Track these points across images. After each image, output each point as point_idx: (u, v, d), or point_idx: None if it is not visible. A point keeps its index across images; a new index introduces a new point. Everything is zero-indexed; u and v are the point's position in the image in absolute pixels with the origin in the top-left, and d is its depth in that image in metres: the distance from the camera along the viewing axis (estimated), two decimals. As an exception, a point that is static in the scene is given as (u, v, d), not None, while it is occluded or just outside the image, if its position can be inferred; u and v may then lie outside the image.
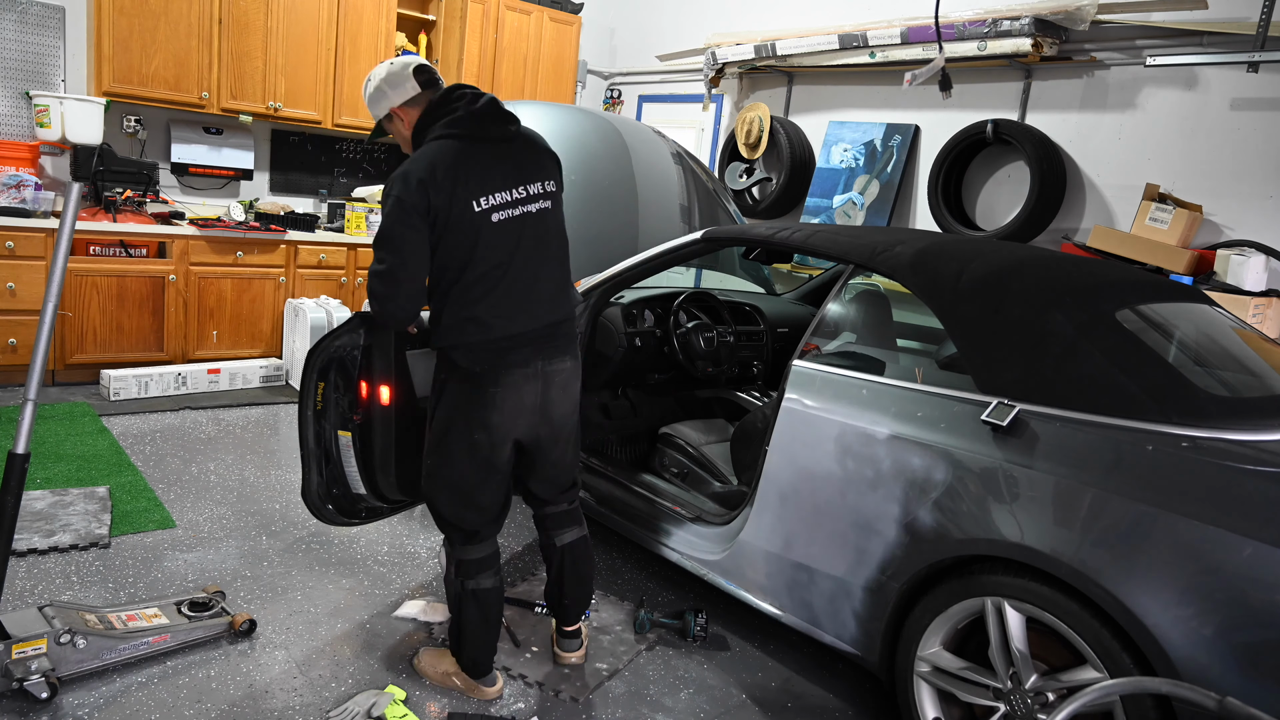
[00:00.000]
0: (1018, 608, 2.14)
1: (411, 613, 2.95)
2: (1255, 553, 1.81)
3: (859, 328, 2.98)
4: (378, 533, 3.52)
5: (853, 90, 5.77)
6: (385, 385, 2.62)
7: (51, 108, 4.53)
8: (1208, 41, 4.21)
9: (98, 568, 3.01)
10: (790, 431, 2.67)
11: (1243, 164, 4.15)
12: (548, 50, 6.75)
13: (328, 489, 2.78)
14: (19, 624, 2.33)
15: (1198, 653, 1.84)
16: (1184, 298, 2.80)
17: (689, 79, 6.83)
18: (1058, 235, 4.75)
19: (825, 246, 2.91)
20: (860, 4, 5.59)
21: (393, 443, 2.67)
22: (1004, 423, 2.20)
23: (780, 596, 2.72)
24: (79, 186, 2.31)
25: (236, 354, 5.39)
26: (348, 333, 2.65)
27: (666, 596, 3.26)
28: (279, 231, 5.40)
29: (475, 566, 2.44)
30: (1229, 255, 3.97)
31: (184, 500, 3.62)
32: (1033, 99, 4.87)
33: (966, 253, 2.68)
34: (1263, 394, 2.38)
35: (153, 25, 4.99)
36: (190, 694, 2.41)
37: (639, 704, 2.60)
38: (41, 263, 4.62)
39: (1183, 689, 1.47)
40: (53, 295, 2.24)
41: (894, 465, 2.40)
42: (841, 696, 2.75)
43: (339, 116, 5.85)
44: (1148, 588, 1.91)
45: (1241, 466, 1.94)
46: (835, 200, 5.62)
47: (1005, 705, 2.16)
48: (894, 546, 2.39)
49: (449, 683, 2.56)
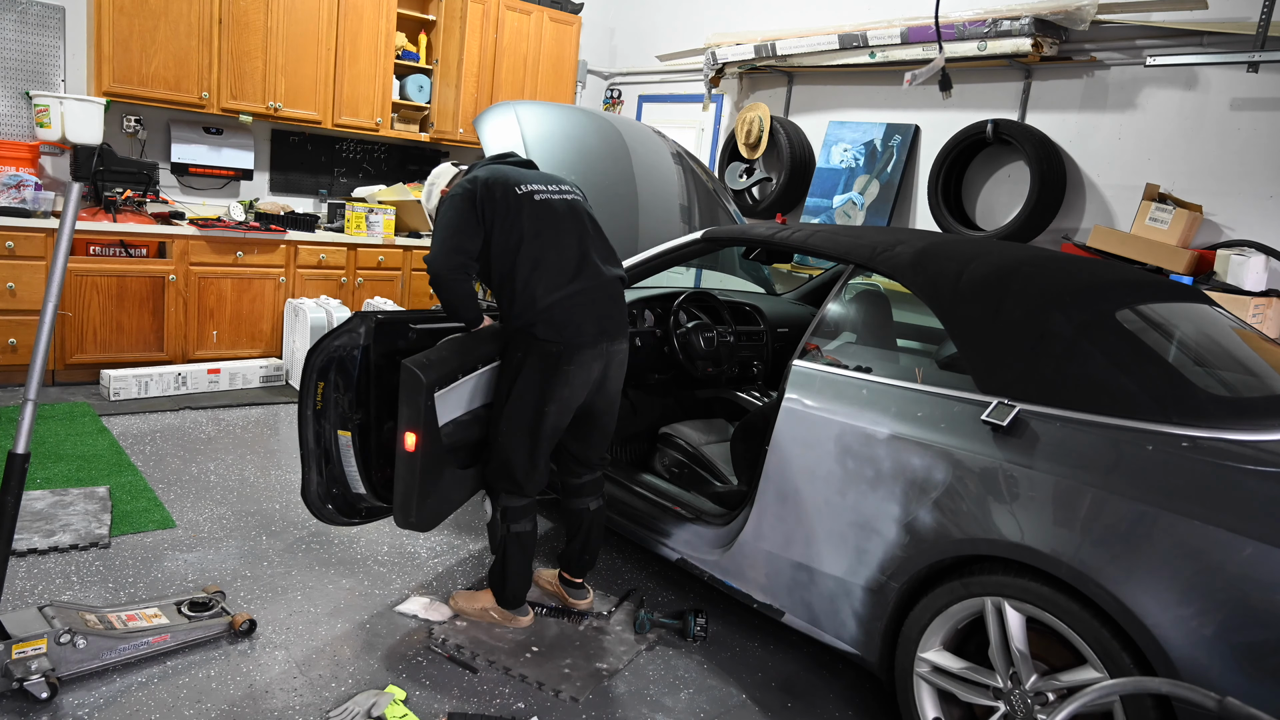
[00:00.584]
0: (1018, 608, 2.14)
1: (414, 609, 2.95)
2: (1255, 552, 1.81)
3: (859, 328, 2.98)
4: (378, 533, 3.52)
5: (853, 90, 5.77)
6: (413, 433, 2.57)
7: (51, 108, 4.53)
8: (1208, 41, 4.21)
9: (98, 568, 3.01)
10: (790, 431, 2.67)
11: (1243, 164, 4.15)
12: (548, 50, 6.76)
13: (328, 489, 2.78)
14: (19, 624, 2.33)
15: (1198, 653, 1.84)
16: (1184, 298, 2.80)
17: (689, 79, 6.83)
18: (1058, 235, 4.75)
19: (825, 246, 2.91)
20: (860, 4, 5.60)
21: (417, 485, 2.61)
22: (1004, 423, 2.20)
23: (780, 596, 2.72)
24: (79, 186, 2.31)
25: (236, 354, 5.39)
26: (347, 333, 2.65)
27: (666, 596, 3.26)
28: (279, 231, 5.40)
29: (519, 513, 2.81)
30: (1229, 255, 3.97)
31: (184, 500, 3.62)
32: (1033, 99, 4.87)
33: (966, 253, 2.68)
34: (1262, 394, 2.38)
35: (153, 25, 4.99)
36: (190, 694, 2.41)
37: (639, 704, 2.60)
38: (41, 263, 4.62)
39: (1183, 689, 1.47)
40: (53, 295, 2.24)
41: (894, 465, 2.40)
42: (841, 696, 2.75)
43: (339, 116, 5.85)
44: (1148, 588, 1.91)
45: (1241, 466, 1.94)
46: (835, 200, 5.62)
47: (1005, 705, 2.17)
48: (894, 546, 2.40)
49: (487, 617, 2.91)
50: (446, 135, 6.40)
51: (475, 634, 2.86)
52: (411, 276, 6.05)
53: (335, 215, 6.09)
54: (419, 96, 6.36)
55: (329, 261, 5.66)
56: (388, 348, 2.77)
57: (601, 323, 2.72)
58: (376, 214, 5.91)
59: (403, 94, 6.29)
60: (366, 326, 2.69)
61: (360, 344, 2.69)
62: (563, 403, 2.71)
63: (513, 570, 2.83)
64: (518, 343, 2.69)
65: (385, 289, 5.93)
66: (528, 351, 2.66)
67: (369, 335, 2.69)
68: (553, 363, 2.64)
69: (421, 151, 6.74)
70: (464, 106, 6.31)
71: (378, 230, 5.91)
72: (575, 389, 2.71)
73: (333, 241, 5.68)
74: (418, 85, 6.35)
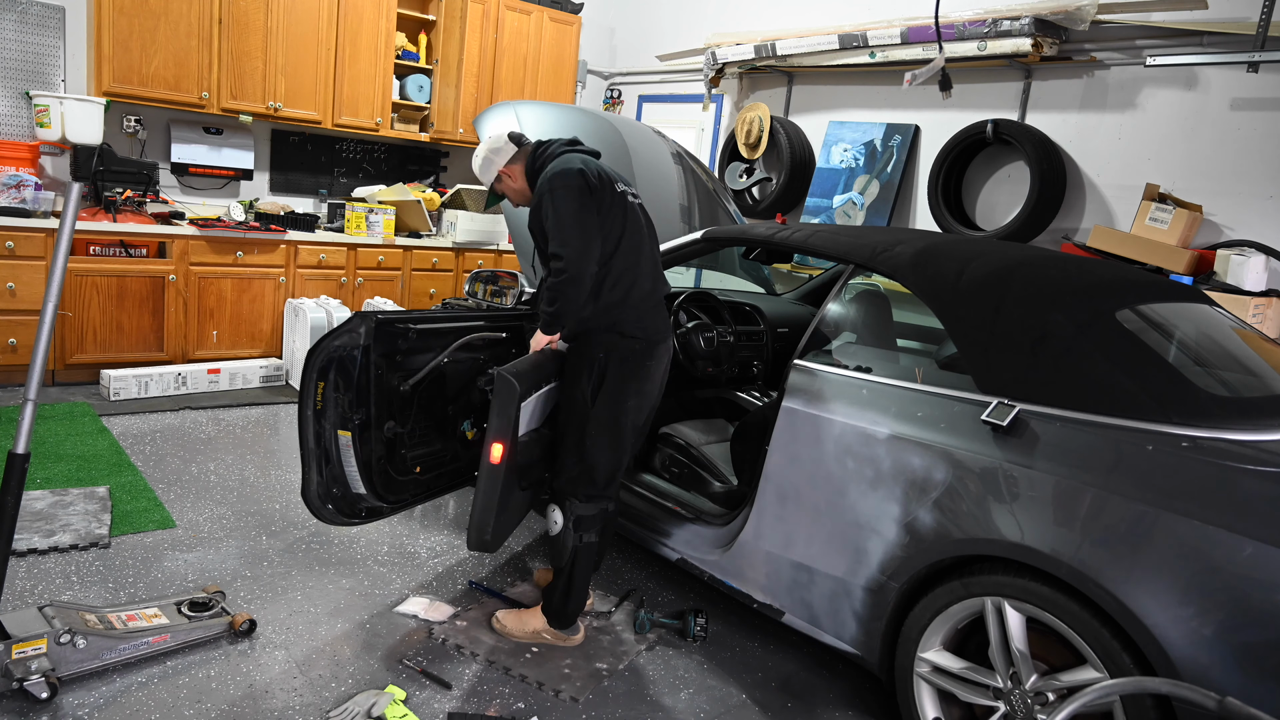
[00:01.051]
0: (1018, 607, 2.14)
1: (414, 609, 2.95)
2: (1255, 552, 1.81)
3: (859, 328, 2.98)
4: (378, 533, 3.52)
5: (853, 90, 5.77)
6: (501, 444, 2.52)
7: (51, 108, 4.52)
8: (1208, 41, 4.21)
9: (98, 568, 3.01)
10: (790, 431, 2.67)
11: (1243, 164, 4.15)
12: (548, 50, 6.76)
13: (328, 489, 2.78)
14: (19, 624, 2.33)
15: (1198, 653, 1.84)
16: (1184, 298, 2.80)
17: (689, 79, 6.83)
18: (1058, 235, 4.75)
19: (825, 247, 2.91)
20: (860, 4, 5.60)
21: (496, 500, 2.55)
22: (1004, 423, 2.20)
23: (780, 596, 2.72)
24: (79, 186, 2.31)
25: (236, 354, 5.39)
26: (347, 333, 2.65)
27: (666, 596, 3.26)
28: (279, 231, 5.40)
29: (590, 522, 2.73)
30: (1229, 255, 3.97)
31: (184, 500, 3.62)
32: (1033, 99, 4.87)
33: (966, 253, 2.68)
34: (1262, 394, 2.38)
35: (153, 25, 4.99)
36: (190, 694, 2.41)
37: (639, 704, 2.60)
38: (41, 263, 4.62)
39: (1183, 689, 1.46)
40: (53, 295, 2.24)
41: (894, 465, 2.40)
42: (841, 696, 2.75)
43: (339, 116, 5.85)
44: (1148, 588, 1.91)
45: (1241, 466, 1.94)
46: (835, 200, 5.62)
47: (1005, 705, 2.17)
48: (894, 546, 2.40)
49: (540, 639, 2.84)
50: (446, 135, 6.40)
51: (475, 634, 2.86)
52: (411, 276, 6.05)
53: (335, 215, 6.08)
54: (419, 96, 6.36)
55: (329, 261, 5.66)
56: (387, 348, 2.77)
57: (666, 322, 2.84)
58: (376, 214, 5.91)
59: (403, 94, 6.30)
60: (366, 327, 2.69)
61: (360, 344, 2.69)
62: (647, 398, 2.77)
63: (578, 585, 2.77)
64: (598, 343, 2.69)
65: (385, 289, 5.93)
66: (610, 350, 2.68)
67: (369, 335, 2.68)
68: (638, 359, 2.70)
69: (421, 151, 6.74)
70: (464, 106, 6.31)
71: (378, 230, 5.91)
72: (656, 384, 2.79)
73: (333, 241, 5.68)
74: (418, 85, 6.35)
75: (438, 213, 6.42)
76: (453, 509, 3.87)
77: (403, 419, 2.84)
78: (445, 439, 3.04)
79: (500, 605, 3.04)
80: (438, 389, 2.95)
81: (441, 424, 3.01)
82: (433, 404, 2.95)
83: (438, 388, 2.95)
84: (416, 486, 2.94)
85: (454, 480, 3.12)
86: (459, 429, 3.07)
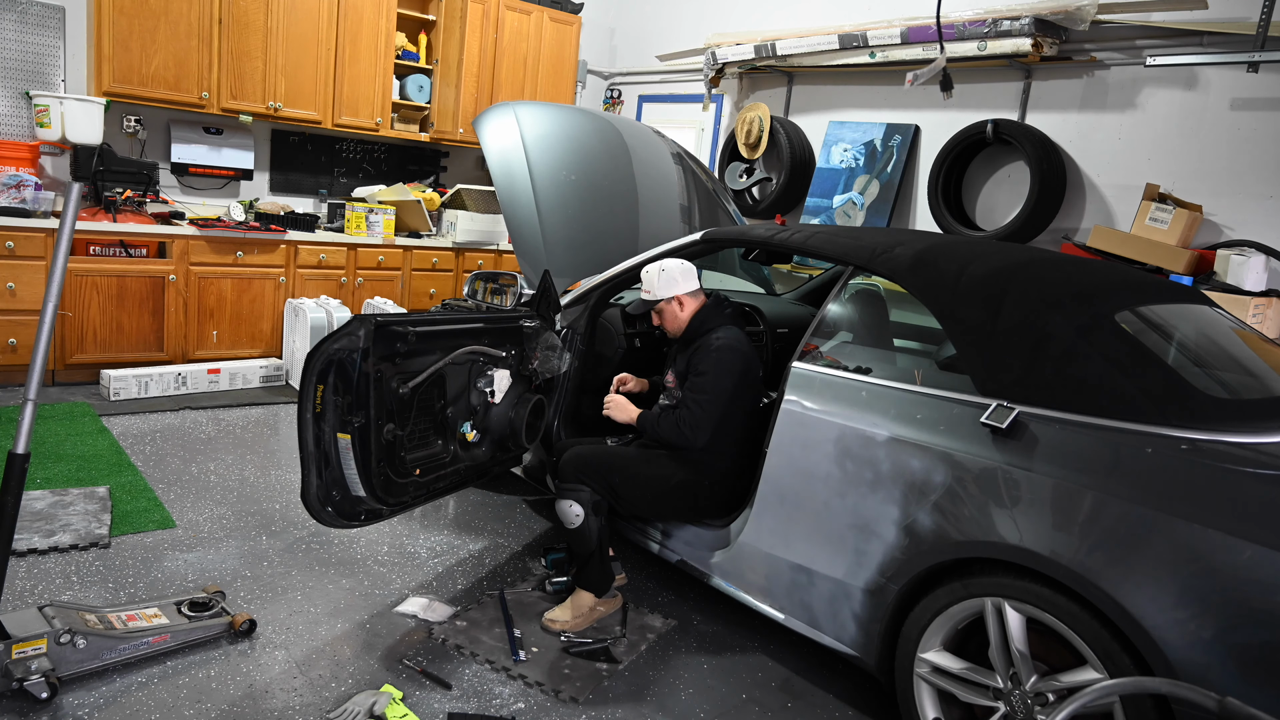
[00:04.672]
0: (1018, 608, 2.14)
1: (413, 609, 2.95)
2: (1254, 555, 1.81)
3: (858, 329, 2.98)
4: (378, 533, 3.52)
5: (853, 90, 5.77)
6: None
7: (51, 108, 4.53)
8: (1208, 41, 4.21)
9: (98, 568, 3.02)
10: (789, 433, 2.67)
11: (1243, 164, 4.15)
12: (548, 50, 6.76)
13: (327, 491, 2.77)
14: (19, 624, 2.33)
15: (1196, 655, 1.84)
16: (1184, 298, 2.80)
17: (689, 79, 6.83)
18: (1058, 235, 4.75)
19: (825, 248, 2.91)
20: (860, 4, 5.59)
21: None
22: (1003, 425, 2.20)
23: (780, 598, 2.72)
24: (79, 186, 2.31)
25: (236, 354, 5.39)
26: (346, 336, 2.65)
27: (666, 596, 3.27)
28: (279, 231, 5.40)
29: (601, 505, 2.97)
30: (1229, 255, 3.97)
31: (184, 500, 3.62)
32: (1033, 99, 4.87)
33: (966, 254, 2.68)
34: (1262, 395, 2.38)
35: (153, 25, 4.99)
36: (190, 694, 2.41)
37: (639, 704, 2.60)
38: (41, 263, 4.62)
39: (1182, 689, 1.47)
40: (53, 295, 2.24)
41: (893, 467, 2.40)
42: (841, 696, 2.75)
43: (339, 116, 5.85)
44: (1146, 590, 1.91)
45: (1240, 469, 1.94)
46: (835, 200, 5.62)
47: (1005, 705, 2.17)
48: (893, 548, 2.40)
49: (596, 614, 3.00)
50: (446, 135, 6.40)
51: (475, 634, 2.86)
52: (411, 276, 6.06)
53: (335, 215, 6.09)
54: (419, 96, 6.37)
55: (329, 261, 5.66)
56: (387, 351, 2.77)
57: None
58: (376, 214, 5.91)
59: (403, 94, 6.30)
60: (365, 330, 2.68)
61: (359, 347, 2.68)
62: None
63: (606, 556, 3.00)
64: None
65: (385, 289, 5.94)
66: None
67: (368, 339, 2.68)
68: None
69: (421, 151, 6.75)
70: (464, 106, 6.31)
71: (378, 230, 5.91)
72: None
73: (333, 241, 5.68)
74: (418, 85, 6.35)
75: (438, 213, 6.43)
76: (453, 509, 3.87)
77: (402, 422, 2.84)
78: (445, 441, 3.04)
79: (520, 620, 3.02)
80: (437, 391, 2.95)
81: (441, 426, 3.01)
82: (432, 406, 2.95)
83: (437, 390, 2.95)
84: (416, 489, 2.94)
85: (454, 482, 3.12)
86: (458, 431, 3.07)
